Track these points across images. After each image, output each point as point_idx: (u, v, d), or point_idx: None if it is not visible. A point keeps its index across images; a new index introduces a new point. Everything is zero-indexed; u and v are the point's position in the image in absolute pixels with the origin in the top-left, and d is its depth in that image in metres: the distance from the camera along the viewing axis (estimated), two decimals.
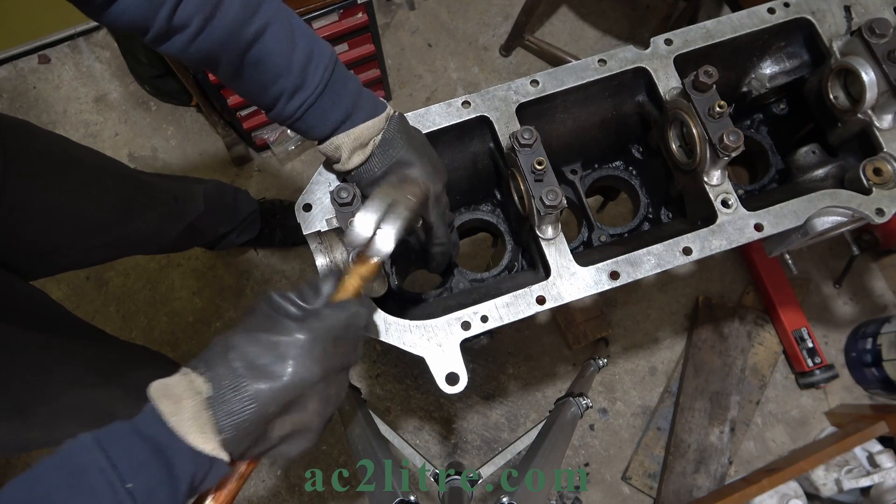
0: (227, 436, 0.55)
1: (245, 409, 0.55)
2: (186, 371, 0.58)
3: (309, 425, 0.61)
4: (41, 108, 2.20)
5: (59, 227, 1.10)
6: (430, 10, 2.32)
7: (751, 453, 1.97)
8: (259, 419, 0.56)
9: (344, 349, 0.63)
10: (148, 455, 0.52)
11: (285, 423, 0.59)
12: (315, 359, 0.59)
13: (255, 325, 0.60)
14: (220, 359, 0.58)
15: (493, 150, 0.99)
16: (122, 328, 2.01)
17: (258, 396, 0.55)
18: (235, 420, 0.55)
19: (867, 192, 0.91)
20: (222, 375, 0.56)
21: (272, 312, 0.61)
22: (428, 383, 1.97)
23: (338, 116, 0.80)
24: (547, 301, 0.85)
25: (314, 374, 0.58)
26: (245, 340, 0.58)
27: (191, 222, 1.48)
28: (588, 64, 0.95)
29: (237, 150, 2.09)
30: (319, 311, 0.61)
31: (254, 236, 1.91)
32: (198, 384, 0.56)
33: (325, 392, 0.61)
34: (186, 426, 0.53)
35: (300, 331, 0.59)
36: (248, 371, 0.56)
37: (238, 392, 0.55)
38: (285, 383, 0.57)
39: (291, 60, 0.75)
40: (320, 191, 0.89)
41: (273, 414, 0.57)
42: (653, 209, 1.13)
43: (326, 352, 0.60)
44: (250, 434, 0.57)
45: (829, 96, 0.97)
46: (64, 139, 1.17)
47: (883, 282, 2.11)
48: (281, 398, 0.57)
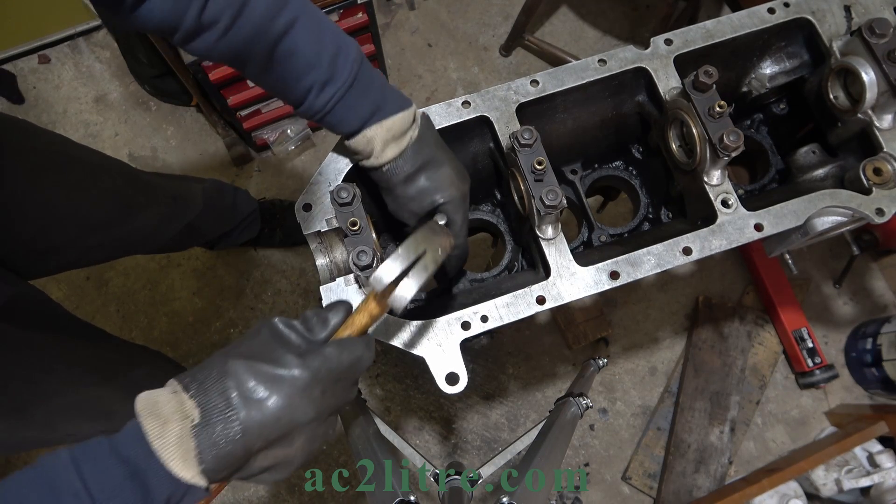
0: (208, 466, 0.53)
1: (230, 442, 0.54)
2: (177, 389, 0.56)
3: (290, 461, 0.60)
4: (41, 108, 2.20)
5: (57, 225, 1.10)
6: (430, 10, 2.32)
7: (751, 453, 1.97)
8: (243, 453, 0.55)
9: (341, 390, 0.62)
10: (124, 478, 0.51)
11: (268, 457, 0.58)
12: (311, 399, 0.57)
13: (256, 353, 0.58)
14: (215, 384, 0.55)
15: (493, 150, 0.99)
16: (122, 328, 2.00)
17: (246, 431, 0.54)
18: (219, 452, 0.53)
19: (867, 192, 0.91)
20: (214, 403, 0.54)
21: (274, 341, 0.59)
22: (428, 383, 1.97)
23: (367, 109, 0.79)
24: (547, 301, 0.85)
25: (307, 415, 0.57)
26: (243, 369, 0.56)
27: (190, 221, 1.47)
28: (588, 64, 0.95)
29: (237, 150, 2.09)
30: (323, 349, 0.59)
31: (254, 236, 1.91)
32: (187, 407, 0.54)
33: (315, 432, 0.60)
34: (169, 452, 0.52)
35: (300, 367, 0.57)
36: (241, 402, 0.54)
37: (227, 424, 0.54)
38: (276, 421, 0.55)
39: (321, 53, 0.75)
40: (320, 191, 0.89)
41: (258, 448, 0.56)
42: (653, 209, 1.13)
43: (324, 392, 0.58)
44: (230, 465, 0.55)
45: (829, 96, 0.97)
46: (62, 138, 1.17)
47: (883, 282, 2.11)
48: (269, 434, 0.55)
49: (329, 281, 0.85)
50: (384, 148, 0.81)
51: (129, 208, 1.25)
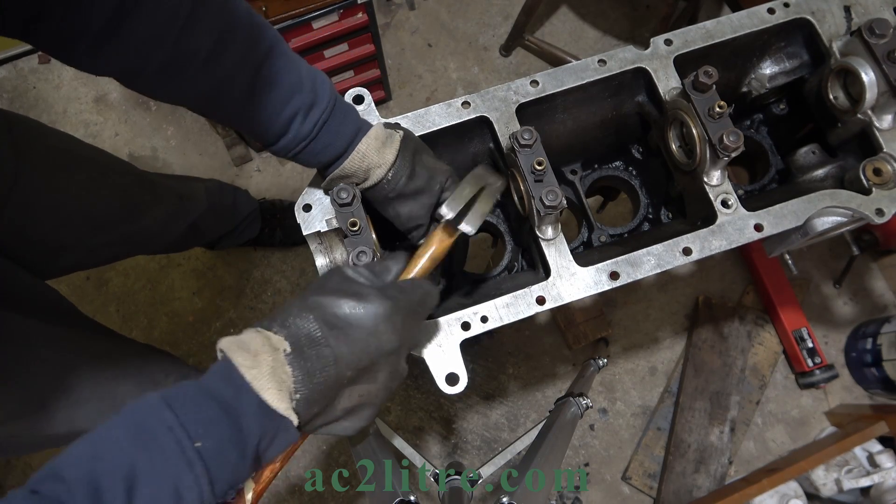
0: (301, 395, 0.53)
1: (324, 370, 0.54)
2: (259, 329, 0.56)
3: (373, 399, 0.60)
4: (41, 108, 2.20)
5: (68, 225, 1.10)
6: (430, 10, 2.32)
7: (751, 453, 1.97)
8: (336, 382, 0.55)
9: (414, 326, 0.63)
10: (217, 413, 0.50)
11: (353, 394, 0.58)
12: (394, 327, 0.58)
13: (333, 290, 0.58)
14: (298, 318, 0.56)
15: (493, 150, 0.99)
16: (122, 328, 2.00)
17: (339, 357, 0.54)
18: (314, 380, 0.53)
19: (867, 192, 0.91)
20: (302, 334, 0.55)
21: (347, 281, 0.60)
22: (428, 383, 1.97)
23: (351, 128, 0.78)
24: (547, 301, 0.85)
25: (392, 343, 0.58)
26: (326, 302, 0.57)
27: (193, 221, 1.48)
28: (588, 64, 0.95)
29: (237, 150, 2.09)
30: (396, 284, 0.62)
31: (254, 236, 1.91)
32: (275, 341, 0.54)
33: (395, 366, 0.61)
34: (263, 382, 0.52)
35: (380, 297, 0.58)
36: (329, 332, 0.55)
37: (318, 352, 0.54)
38: (365, 346, 0.56)
39: (301, 78, 0.73)
40: (320, 191, 0.89)
41: (349, 379, 0.56)
42: (653, 209, 1.13)
43: (403, 323, 0.59)
44: (323, 398, 0.55)
45: (828, 96, 0.97)
46: (71, 137, 1.17)
47: (883, 282, 2.11)
48: (359, 362, 0.56)
49: None
50: (381, 154, 0.79)
51: (137, 207, 1.25)
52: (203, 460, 0.48)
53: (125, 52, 0.61)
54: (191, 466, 0.47)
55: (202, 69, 0.66)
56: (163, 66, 0.64)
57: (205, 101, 0.71)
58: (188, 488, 0.47)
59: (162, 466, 0.47)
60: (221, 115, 0.75)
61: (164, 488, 0.46)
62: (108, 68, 0.64)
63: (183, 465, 0.47)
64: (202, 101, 0.72)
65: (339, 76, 1.90)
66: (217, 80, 0.68)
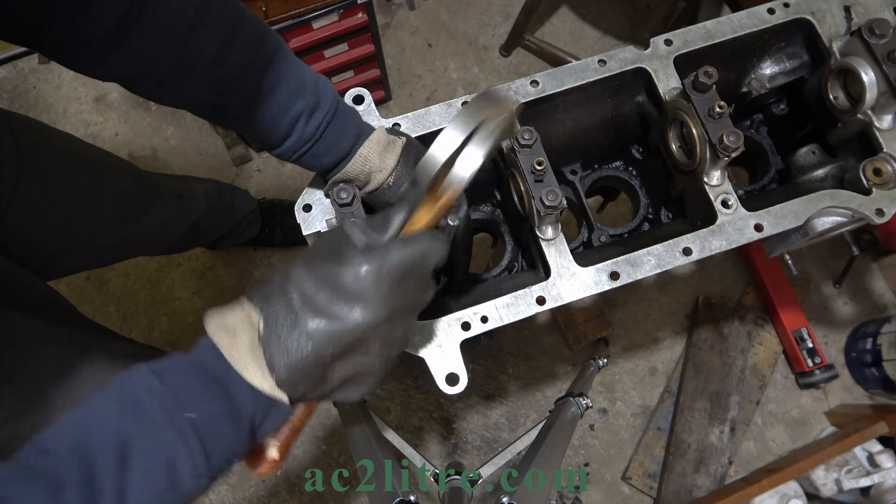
0: (280, 376, 0.51)
1: (300, 349, 0.50)
2: (243, 302, 0.54)
3: (371, 368, 0.56)
4: (41, 108, 2.20)
5: (71, 225, 1.09)
6: (430, 10, 2.32)
7: (751, 453, 1.97)
8: (316, 360, 0.52)
9: (413, 288, 0.57)
10: (208, 385, 0.48)
11: (346, 366, 0.54)
12: (381, 298, 0.52)
13: (319, 256, 0.54)
14: (277, 290, 0.52)
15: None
16: (122, 328, 2.00)
17: (315, 336, 0.51)
18: (290, 360, 0.51)
19: (867, 192, 0.91)
20: (277, 309, 0.51)
21: (336, 242, 0.55)
22: (428, 383, 1.97)
23: (354, 131, 0.76)
24: (547, 301, 0.85)
25: (377, 315, 0.52)
26: (304, 273, 0.53)
27: (194, 222, 1.48)
28: (588, 64, 0.95)
29: (237, 150, 2.09)
30: (388, 244, 0.55)
31: (254, 236, 1.91)
32: (254, 317, 0.52)
33: (391, 334, 0.56)
34: (243, 362, 0.50)
35: (365, 263, 0.52)
36: (305, 307, 0.51)
37: (293, 329, 0.51)
38: (345, 324, 0.51)
39: (305, 80, 0.72)
40: (320, 191, 0.89)
41: (332, 356, 0.52)
42: (653, 209, 1.13)
43: (392, 290, 0.53)
44: (306, 376, 0.52)
45: (828, 97, 0.97)
46: (72, 137, 1.16)
47: (883, 282, 2.11)
48: (340, 340, 0.52)
49: None
50: (382, 159, 0.78)
51: (138, 207, 1.25)
52: (196, 431, 0.46)
53: (130, 59, 0.61)
54: (182, 436, 0.46)
55: (206, 74, 0.65)
56: (168, 72, 0.63)
57: (209, 105, 0.71)
58: (181, 459, 0.46)
59: (153, 436, 0.46)
60: (226, 118, 0.74)
61: (157, 458, 0.45)
62: (113, 74, 0.63)
63: (174, 436, 0.46)
64: (206, 106, 0.71)
65: (340, 76, 1.90)
66: (221, 85, 0.67)
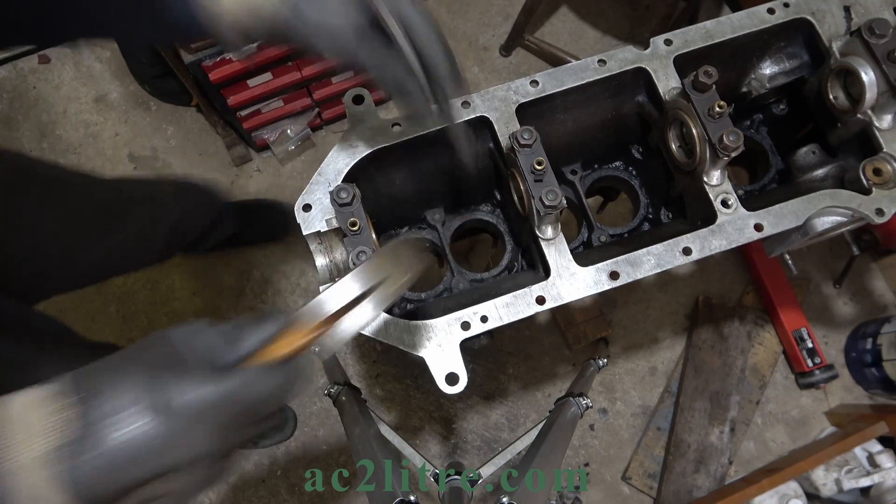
0: (74, 494, 0.43)
1: (105, 469, 0.43)
2: (62, 389, 0.45)
3: (181, 494, 0.48)
4: (41, 108, 2.20)
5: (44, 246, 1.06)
6: (430, 11, 2.31)
7: (751, 453, 1.97)
8: (124, 484, 0.44)
9: (251, 423, 0.50)
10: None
11: (156, 488, 0.47)
12: (216, 430, 0.46)
13: (156, 359, 0.46)
14: (93, 392, 0.44)
15: (493, 150, 0.99)
16: (122, 328, 2.01)
17: (125, 455, 0.43)
18: (89, 481, 0.43)
19: (867, 192, 0.91)
20: (96, 414, 0.43)
21: (181, 351, 0.47)
22: (428, 383, 1.97)
23: None
24: (547, 301, 0.85)
25: (206, 449, 0.45)
26: (130, 381, 0.44)
27: (172, 223, 1.44)
28: (588, 64, 0.95)
29: (237, 150, 2.09)
30: (241, 370, 0.47)
31: (235, 231, 1.88)
32: (68, 415, 0.44)
33: (213, 469, 0.48)
34: (28, 470, 0.42)
35: (212, 383, 0.45)
36: (127, 419, 0.43)
37: (104, 443, 0.43)
38: (168, 450, 0.44)
39: None
40: (320, 191, 0.89)
41: (142, 480, 0.45)
42: (653, 209, 1.13)
43: (230, 425, 0.47)
44: (107, 497, 0.45)
45: (828, 96, 0.97)
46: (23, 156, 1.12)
47: (883, 282, 2.11)
48: (156, 467, 0.44)
49: (329, 281, 0.85)
50: None
51: (113, 217, 1.22)
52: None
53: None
54: None
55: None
56: None
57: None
58: None
59: None
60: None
61: None
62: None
63: None
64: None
65: (340, 76, 1.90)
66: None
